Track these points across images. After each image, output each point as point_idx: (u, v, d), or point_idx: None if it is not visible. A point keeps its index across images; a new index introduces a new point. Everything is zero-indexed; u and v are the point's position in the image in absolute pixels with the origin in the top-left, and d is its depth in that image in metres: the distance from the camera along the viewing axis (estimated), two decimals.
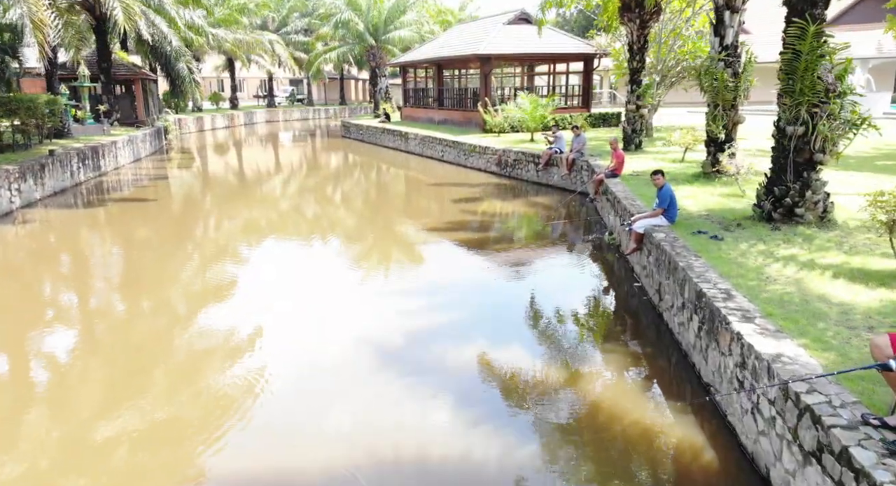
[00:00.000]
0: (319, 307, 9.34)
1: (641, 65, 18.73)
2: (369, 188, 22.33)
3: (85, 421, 6.21)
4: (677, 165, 16.08)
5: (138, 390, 6.80)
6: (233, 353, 7.84)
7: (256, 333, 8.40)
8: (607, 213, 13.74)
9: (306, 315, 9.04)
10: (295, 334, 8.41)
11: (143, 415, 6.23)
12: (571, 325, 8.74)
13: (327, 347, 7.86)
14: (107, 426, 6.08)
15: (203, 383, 7.05)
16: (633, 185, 13.54)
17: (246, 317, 8.94)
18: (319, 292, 10.13)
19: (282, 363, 7.41)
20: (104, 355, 7.93)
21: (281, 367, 7.30)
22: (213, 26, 43.24)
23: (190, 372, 7.43)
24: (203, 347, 8.10)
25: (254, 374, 7.11)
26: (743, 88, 12.80)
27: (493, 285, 10.46)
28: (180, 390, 6.88)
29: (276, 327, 8.59)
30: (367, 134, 36.42)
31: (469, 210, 16.24)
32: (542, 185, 19.83)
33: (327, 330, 8.40)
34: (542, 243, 13.06)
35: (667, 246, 8.25)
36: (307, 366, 7.41)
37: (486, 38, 28.45)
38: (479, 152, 23.63)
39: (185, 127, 42.62)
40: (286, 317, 8.96)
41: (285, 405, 6.49)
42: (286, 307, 9.35)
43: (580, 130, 18.61)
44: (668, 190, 9.32)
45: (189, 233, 15.31)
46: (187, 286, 10.75)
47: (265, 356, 7.60)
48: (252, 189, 22.10)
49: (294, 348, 7.91)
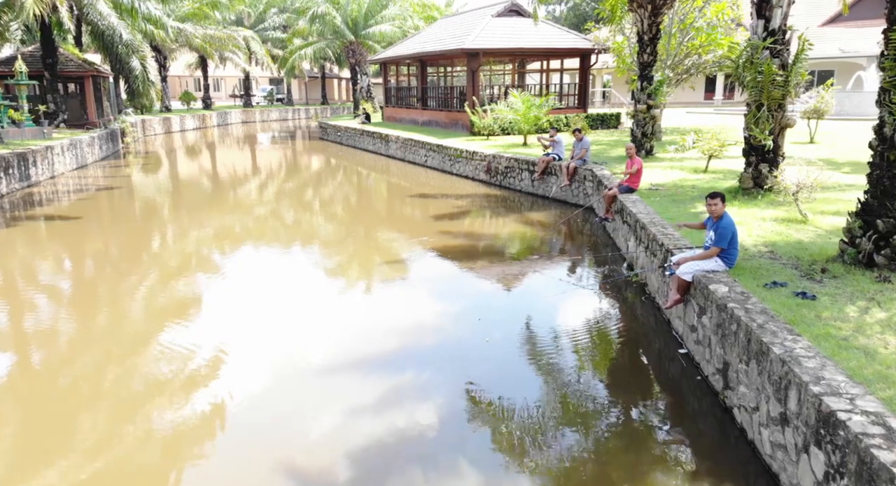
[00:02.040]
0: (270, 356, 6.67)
1: (653, 58, 16.15)
2: (336, 204, 19.57)
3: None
4: (700, 175, 13.52)
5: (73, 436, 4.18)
6: (186, 392, 6.55)
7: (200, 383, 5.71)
8: (624, 239, 11.09)
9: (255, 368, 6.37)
10: (249, 384, 5.79)
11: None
12: (585, 412, 6.07)
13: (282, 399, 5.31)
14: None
15: (152, 423, 5.96)
16: (657, 203, 10.93)
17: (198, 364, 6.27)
18: (265, 340, 7.43)
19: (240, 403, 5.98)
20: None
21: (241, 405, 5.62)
22: (181, 21, 40.37)
23: (137, 411, 6.11)
24: (145, 397, 5.52)
25: (207, 417, 5.93)
26: (794, 84, 10.24)
27: (474, 351, 7.68)
28: (127, 431, 5.74)
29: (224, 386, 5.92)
30: (346, 136, 33.67)
31: (450, 232, 13.57)
32: (537, 197, 17.20)
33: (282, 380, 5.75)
34: (542, 280, 10.41)
35: (737, 309, 5.62)
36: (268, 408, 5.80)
37: (474, 31, 25.80)
38: (465, 158, 20.98)
39: (149, 129, 39.58)
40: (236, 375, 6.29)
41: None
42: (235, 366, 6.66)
43: (582, 134, 16.00)
44: (730, 223, 6.69)
45: (115, 257, 12.50)
46: (82, 333, 7.99)
47: (217, 403, 5.80)
48: (198, 204, 19.28)
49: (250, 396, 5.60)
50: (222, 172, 26.08)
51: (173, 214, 17.16)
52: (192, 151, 33.77)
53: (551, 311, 8.86)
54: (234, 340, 7.81)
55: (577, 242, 13.24)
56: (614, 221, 12.16)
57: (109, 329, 8.49)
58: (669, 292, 7.22)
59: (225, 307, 9.17)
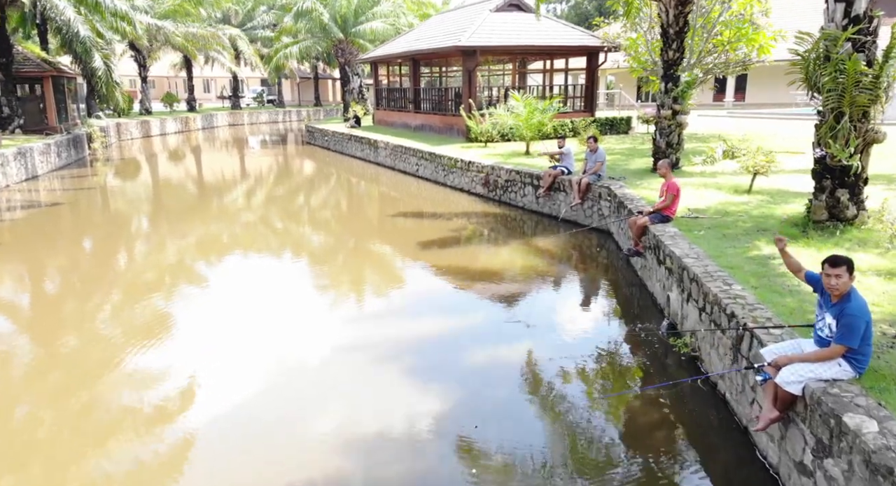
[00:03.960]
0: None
1: (679, 55, 13.72)
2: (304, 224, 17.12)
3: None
4: (744, 197, 11.08)
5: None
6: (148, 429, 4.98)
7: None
8: (662, 286, 8.61)
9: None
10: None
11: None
12: None
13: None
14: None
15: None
16: (704, 240, 8.48)
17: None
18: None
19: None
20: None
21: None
22: (161, 18, 37.94)
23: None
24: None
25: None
26: (885, 87, 7.81)
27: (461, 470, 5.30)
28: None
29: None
30: (333, 141, 31.22)
31: (437, 266, 11.13)
32: (542, 216, 14.78)
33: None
34: (558, 336, 7.98)
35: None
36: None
37: (470, 27, 23.35)
38: (461, 168, 18.54)
39: (125, 133, 37.09)
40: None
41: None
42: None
43: (597, 144, 13.57)
44: (862, 307, 4.24)
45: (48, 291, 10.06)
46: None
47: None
48: (144, 226, 16.85)
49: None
50: (187, 183, 23.59)
51: (109, 236, 14.67)
52: (166, 158, 31.23)
53: (565, 405, 6.40)
54: (180, 389, 5.40)
55: (595, 280, 10.78)
56: (645, 256, 9.72)
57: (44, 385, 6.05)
58: (766, 402, 4.73)
59: (178, 354, 6.73)
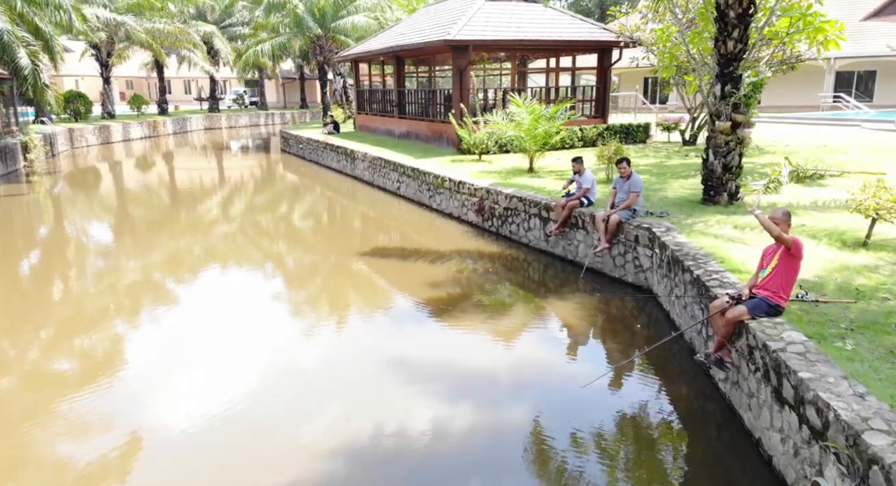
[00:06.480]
0: None
1: (743, 47, 10.08)
2: (247, 268, 13.47)
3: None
4: (865, 257, 7.44)
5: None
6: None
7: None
8: (794, 449, 4.93)
9: None
10: None
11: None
12: None
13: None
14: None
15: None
16: (865, 365, 4.81)
17: None
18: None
19: None
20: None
21: None
22: (121, 13, 34.20)
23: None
24: None
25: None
26: None
27: None
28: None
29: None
30: (308, 149, 27.56)
31: (404, 365, 7.49)
32: (555, 259, 11.19)
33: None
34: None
35: None
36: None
37: (462, 19, 19.71)
38: (449, 189, 14.91)
39: (79, 140, 33.28)
40: None
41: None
42: None
43: (629, 167, 9.93)
44: None
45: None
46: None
47: None
48: (56, 260, 13.17)
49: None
50: (129, 202, 19.83)
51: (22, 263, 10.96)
52: (119, 170, 27.48)
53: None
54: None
55: (652, 402, 7.11)
56: (735, 368, 6.02)
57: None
58: None
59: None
